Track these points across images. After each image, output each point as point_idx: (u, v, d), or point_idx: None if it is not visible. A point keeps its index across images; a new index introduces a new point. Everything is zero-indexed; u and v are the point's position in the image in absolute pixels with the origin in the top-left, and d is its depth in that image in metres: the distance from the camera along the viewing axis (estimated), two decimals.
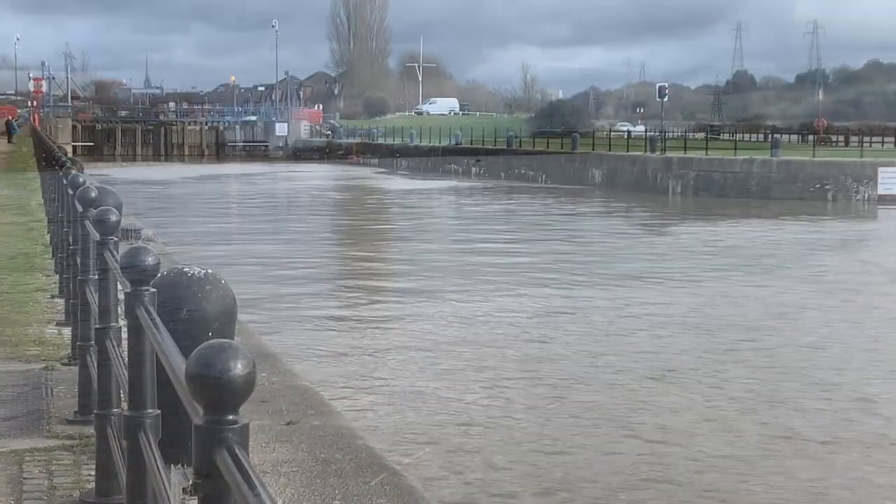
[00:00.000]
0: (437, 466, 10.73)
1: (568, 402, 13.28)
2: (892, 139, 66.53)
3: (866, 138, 61.67)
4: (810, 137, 66.97)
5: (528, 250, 29.54)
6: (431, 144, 78.13)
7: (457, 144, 74.61)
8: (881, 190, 44.83)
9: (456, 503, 9.78)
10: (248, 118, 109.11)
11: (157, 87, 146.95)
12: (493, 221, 39.09)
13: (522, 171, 63.31)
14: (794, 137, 76.20)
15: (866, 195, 44.97)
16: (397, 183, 63.25)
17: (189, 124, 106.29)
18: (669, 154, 52.91)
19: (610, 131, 77.35)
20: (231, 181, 66.60)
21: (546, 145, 64.96)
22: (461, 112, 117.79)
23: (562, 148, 62.41)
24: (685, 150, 53.68)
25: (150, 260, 3.88)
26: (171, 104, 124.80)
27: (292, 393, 6.97)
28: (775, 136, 59.04)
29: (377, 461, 5.58)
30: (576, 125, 75.61)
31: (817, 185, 45.66)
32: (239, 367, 1.96)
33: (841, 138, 74.02)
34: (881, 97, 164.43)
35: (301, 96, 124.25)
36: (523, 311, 19.61)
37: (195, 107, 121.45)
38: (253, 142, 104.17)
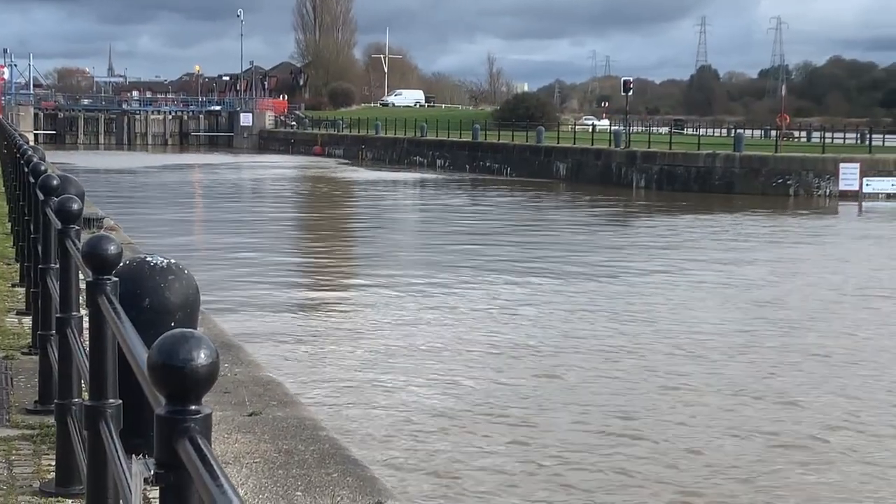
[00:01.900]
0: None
1: (540, 397, 13.34)
2: (854, 135, 67.05)
3: (828, 134, 62.04)
4: (773, 133, 67.43)
5: (493, 242, 29.59)
6: (397, 136, 78.01)
7: (422, 136, 74.51)
8: (842, 186, 45.21)
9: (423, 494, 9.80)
10: (212, 108, 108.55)
11: (121, 76, 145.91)
12: (457, 214, 39.09)
13: (487, 164, 63.35)
14: (756, 133, 76.64)
15: (827, 191, 45.33)
16: (362, 174, 63.12)
17: (152, 113, 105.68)
18: (634, 148, 53.11)
19: (575, 125, 77.53)
20: (195, 171, 66.22)
21: (511, 138, 64.99)
22: (427, 104, 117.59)
23: (527, 141, 62.47)
24: (649, 144, 53.89)
25: (112, 249, 3.85)
26: (135, 93, 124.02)
27: (255, 384, 6.95)
28: (738, 131, 59.34)
29: (340, 452, 5.57)
30: (541, 118, 75.64)
31: (779, 181, 45.99)
32: (202, 357, 1.95)
33: (803, 134, 74.51)
34: (843, 93, 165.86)
35: (266, 86, 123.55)
36: (488, 305, 19.65)
37: (159, 96, 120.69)
38: (217, 132, 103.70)
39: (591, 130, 65.03)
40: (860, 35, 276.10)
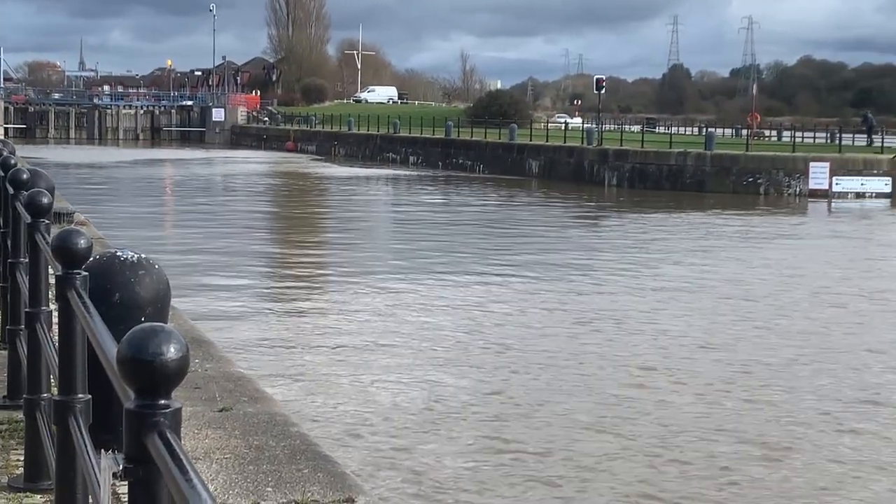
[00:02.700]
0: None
1: (507, 393, 13.37)
2: (824, 135, 67.46)
3: (798, 134, 62.40)
4: (744, 132, 67.75)
5: (465, 239, 29.63)
6: (370, 133, 77.92)
7: (395, 133, 74.47)
8: (812, 185, 45.51)
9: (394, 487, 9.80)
10: (184, 103, 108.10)
11: (92, 70, 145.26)
12: (429, 211, 39.09)
13: (460, 161, 63.37)
14: (728, 132, 77.00)
15: (797, 189, 45.61)
16: (335, 171, 63.04)
17: (124, 108, 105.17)
18: (606, 146, 53.25)
19: (547, 122, 77.65)
20: (166, 166, 65.93)
21: (484, 135, 65.03)
22: (400, 101, 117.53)
23: (500, 138, 62.53)
24: (621, 142, 54.06)
25: (82, 243, 3.83)
26: (106, 87, 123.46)
27: (226, 379, 6.93)
28: (709, 130, 59.61)
29: (311, 448, 5.57)
30: (514, 116, 75.73)
31: (750, 179, 46.22)
32: (172, 351, 1.94)
33: (774, 133, 74.93)
34: (814, 93, 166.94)
35: (238, 82, 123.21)
36: (459, 302, 19.68)
37: (130, 90, 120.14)
38: (189, 127, 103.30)
39: (563, 128, 65.11)
40: (830, 36, 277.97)
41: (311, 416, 11.88)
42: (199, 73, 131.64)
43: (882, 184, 46.08)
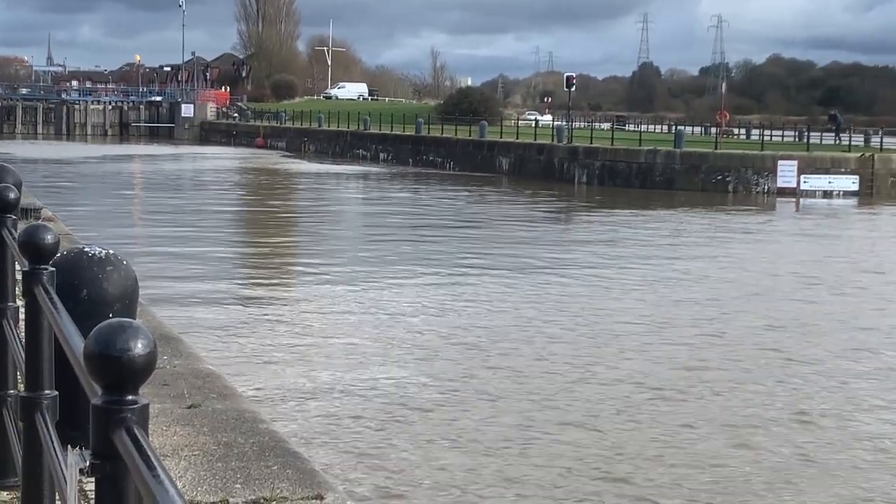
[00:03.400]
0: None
1: (467, 389, 13.39)
2: (792, 133, 67.90)
3: (767, 132, 62.80)
4: (713, 130, 68.08)
5: (434, 235, 29.63)
6: (340, 129, 77.78)
7: (365, 130, 74.37)
8: (780, 183, 45.81)
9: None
10: (153, 99, 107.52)
11: (60, 66, 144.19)
12: (399, 208, 39.08)
13: (430, 158, 63.36)
14: (697, 130, 77.38)
15: (766, 187, 45.90)
16: (304, 167, 62.91)
17: (92, 103, 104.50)
18: (576, 144, 53.37)
19: (518, 120, 77.73)
20: (135, 162, 65.59)
21: (454, 132, 65.05)
22: (370, 97, 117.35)
23: (470, 135, 62.56)
24: (591, 140, 54.20)
25: (49, 238, 3.80)
26: (75, 83, 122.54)
27: (195, 376, 6.90)
28: (679, 128, 59.87)
29: (280, 445, 5.55)
30: (484, 113, 75.79)
31: (719, 177, 46.47)
32: (139, 347, 1.93)
33: (743, 131, 75.32)
34: (782, 91, 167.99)
35: (208, 77, 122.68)
36: (429, 299, 19.69)
37: (99, 86, 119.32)
38: (158, 123, 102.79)
39: (533, 125, 65.23)
40: (799, 34, 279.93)
41: (281, 412, 11.86)
42: (169, 68, 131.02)
43: (849, 182, 46.44)
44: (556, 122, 70.19)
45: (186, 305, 18.13)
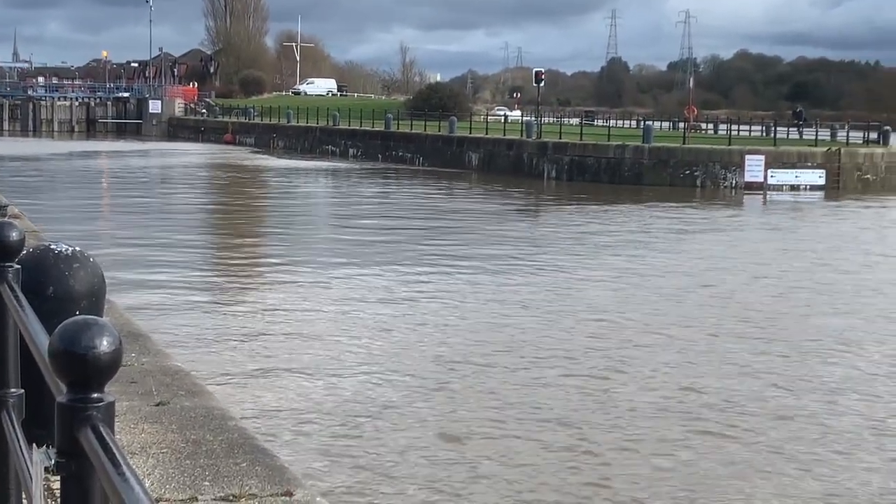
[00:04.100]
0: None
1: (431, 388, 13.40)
2: (760, 128, 68.29)
3: (734, 127, 63.14)
4: (681, 125, 68.38)
5: (403, 232, 29.63)
6: (309, 125, 77.56)
7: (334, 125, 74.19)
8: (747, 177, 46.05)
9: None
10: (120, 95, 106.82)
11: (26, 62, 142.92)
12: (368, 203, 39.03)
13: (400, 154, 63.30)
14: (665, 125, 77.70)
15: (733, 182, 46.13)
16: (273, 162, 62.71)
17: (59, 100, 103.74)
18: (545, 139, 53.46)
19: (487, 115, 77.78)
20: (102, 158, 65.17)
21: (424, 128, 65.01)
22: (339, 93, 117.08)
23: (439, 131, 62.56)
24: (560, 135, 54.29)
25: (14, 235, 3.77)
26: (41, 79, 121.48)
27: (163, 373, 6.87)
28: (647, 123, 60.08)
29: (249, 442, 5.54)
30: (453, 108, 75.79)
31: (687, 172, 46.67)
32: (105, 344, 1.92)
33: (710, 126, 75.70)
34: (750, 86, 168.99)
35: (176, 73, 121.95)
36: (397, 294, 19.69)
37: (65, 82, 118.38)
38: (125, 119, 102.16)
39: (503, 121, 65.33)
40: (766, 30, 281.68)
41: (250, 409, 11.83)
42: (136, 64, 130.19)
43: (816, 176, 46.76)
44: (525, 118, 70.21)
45: (154, 302, 18.05)
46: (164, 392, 6.38)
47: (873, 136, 55.71)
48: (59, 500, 2.47)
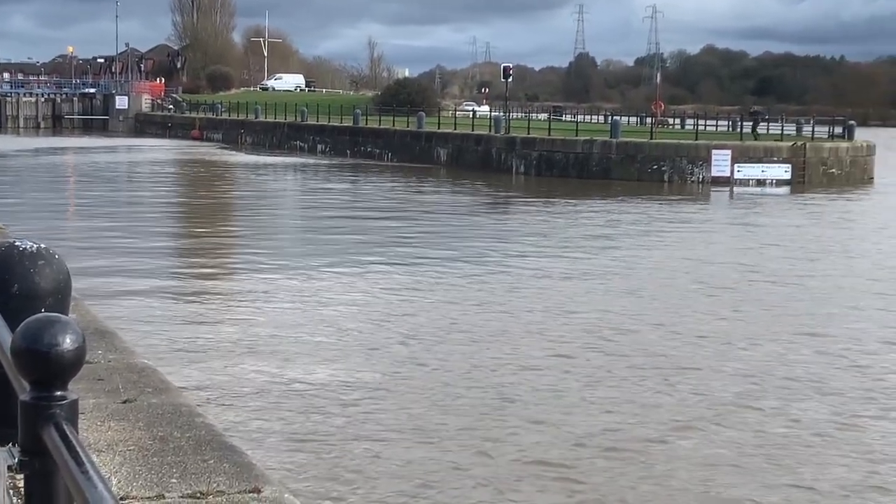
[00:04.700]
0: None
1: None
2: (726, 123, 68.61)
3: (701, 121, 63.43)
4: (648, 120, 68.59)
5: (371, 228, 29.60)
6: (277, 120, 77.30)
7: (302, 121, 74.00)
8: (714, 172, 46.28)
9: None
10: (86, 91, 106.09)
11: None
12: (337, 199, 38.96)
13: (368, 149, 63.20)
14: (633, 120, 77.94)
15: (700, 177, 46.35)
16: (241, 158, 62.50)
17: (24, 96, 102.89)
18: (513, 134, 53.52)
19: (455, 110, 77.76)
20: (68, 154, 64.70)
21: (392, 123, 64.94)
22: (307, 88, 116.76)
23: (408, 126, 62.49)
24: (528, 130, 54.37)
25: None
26: (6, 75, 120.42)
27: (130, 371, 6.83)
28: (614, 118, 60.24)
29: (216, 439, 5.52)
30: (422, 104, 75.75)
31: (654, 167, 46.85)
32: (67, 342, 1.92)
33: (677, 121, 75.98)
34: (716, 81, 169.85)
35: (142, 69, 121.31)
36: (365, 290, 19.68)
37: (31, 78, 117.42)
38: (92, 115, 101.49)
39: (471, 116, 65.30)
40: (733, 25, 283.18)
41: (218, 406, 11.80)
42: (102, 60, 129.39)
43: (782, 171, 47.07)
44: (493, 113, 70.28)
45: (121, 299, 17.95)
46: (130, 389, 6.35)
47: (838, 130, 56.13)
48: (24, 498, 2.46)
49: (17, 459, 2.02)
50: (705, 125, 63.71)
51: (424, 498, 9.57)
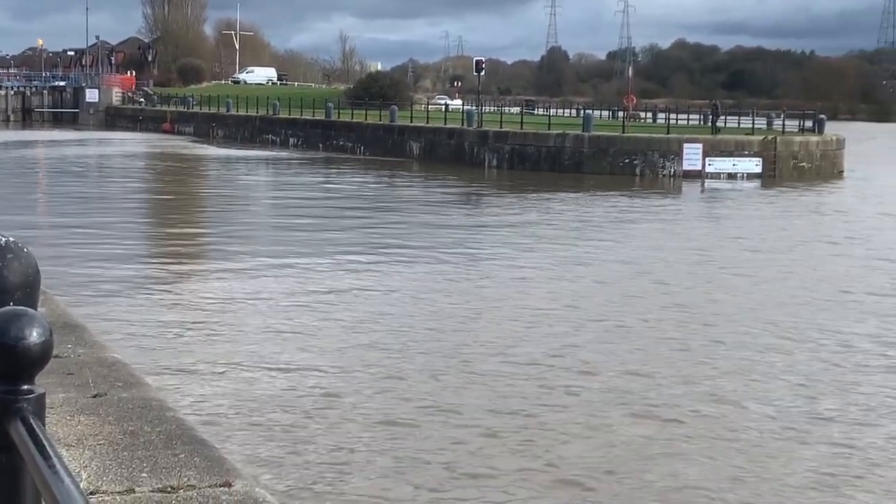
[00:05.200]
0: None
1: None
2: (697, 116, 68.92)
3: (673, 115, 63.68)
4: (620, 114, 68.84)
5: (344, 222, 29.57)
6: (249, 114, 77.03)
7: (274, 114, 73.74)
8: (685, 166, 46.47)
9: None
10: (56, 84, 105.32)
11: None
12: (309, 192, 38.87)
13: (341, 143, 63.09)
14: (605, 114, 78.17)
15: (672, 170, 46.52)
16: (213, 152, 62.25)
17: None
18: (486, 128, 53.54)
19: (428, 104, 77.70)
20: (38, 147, 64.25)
21: (364, 117, 64.84)
22: (279, 82, 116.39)
23: (380, 120, 62.42)
24: (501, 124, 54.40)
25: None
26: None
27: (100, 365, 6.79)
28: (587, 111, 60.34)
29: (187, 433, 5.50)
30: (394, 97, 75.65)
31: (626, 160, 46.99)
32: (34, 335, 1.90)
33: (649, 115, 76.28)
34: (688, 75, 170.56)
35: (113, 62, 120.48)
36: (338, 285, 19.66)
37: (0, 71, 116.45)
38: (62, 108, 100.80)
39: (444, 110, 65.30)
40: (705, 19, 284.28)
41: (188, 401, 11.76)
42: (72, 52, 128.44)
43: (753, 164, 47.32)
44: (466, 107, 70.32)
45: (91, 293, 17.86)
46: (100, 383, 6.32)
47: (808, 124, 56.46)
48: None
49: None
50: (677, 119, 63.95)
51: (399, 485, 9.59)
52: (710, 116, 56.58)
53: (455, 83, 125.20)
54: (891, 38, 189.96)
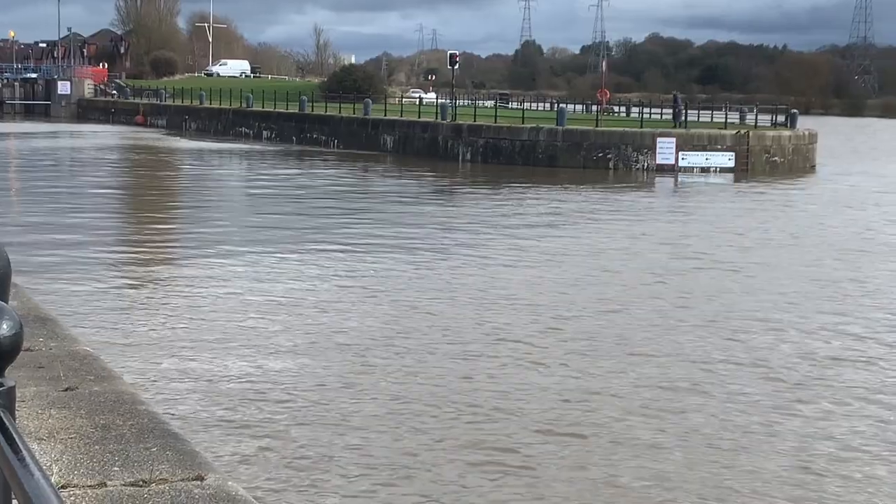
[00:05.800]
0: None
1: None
2: (671, 111, 69.11)
3: (646, 109, 63.84)
4: (594, 108, 68.95)
5: (317, 216, 29.52)
6: (222, 107, 76.72)
7: (248, 107, 73.50)
8: (659, 160, 46.65)
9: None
10: (28, 76, 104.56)
11: None
12: (282, 186, 38.79)
13: (315, 136, 62.93)
14: (579, 108, 78.31)
15: (645, 164, 46.69)
16: (185, 144, 61.99)
17: None
18: (460, 121, 53.54)
19: (402, 98, 77.62)
20: (9, 139, 63.80)
21: (338, 110, 64.71)
22: (253, 75, 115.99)
23: (354, 113, 62.31)
24: (475, 117, 54.42)
25: None
26: None
27: (71, 358, 6.77)
28: (560, 105, 60.41)
29: (159, 427, 5.49)
30: (368, 91, 75.51)
31: (600, 154, 47.11)
32: (4, 329, 1.91)
33: (623, 109, 76.45)
34: (661, 70, 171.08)
35: (85, 54, 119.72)
36: (313, 279, 19.64)
37: None
38: (33, 100, 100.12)
39: (418, 103, 65.24)
40: (678, 14, 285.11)
41: (161, 394, 11.73)
42: (44, 44, 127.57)
43: (725, 158, 47.55)
44: (439, 100, 70.28)
45: (63, 287, 17.77)
46: (72, 377, 6.29)
47: (781, 118, 56.74)
48: None
49: None
50: (650, 113, 64.13)
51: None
52: (672, 110, 55.91)
53: (429, 77, 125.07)
54: (863, 34, 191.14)
